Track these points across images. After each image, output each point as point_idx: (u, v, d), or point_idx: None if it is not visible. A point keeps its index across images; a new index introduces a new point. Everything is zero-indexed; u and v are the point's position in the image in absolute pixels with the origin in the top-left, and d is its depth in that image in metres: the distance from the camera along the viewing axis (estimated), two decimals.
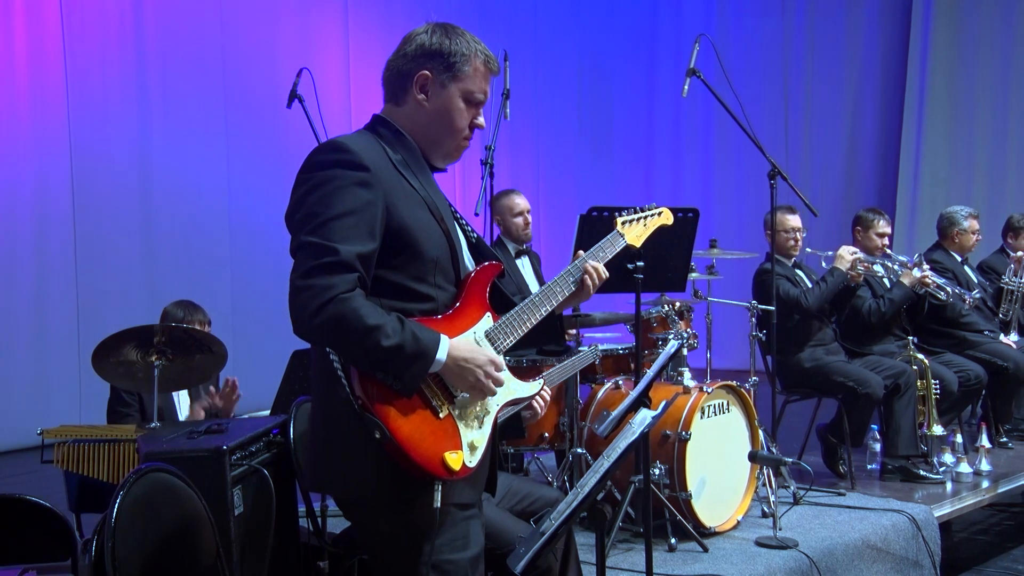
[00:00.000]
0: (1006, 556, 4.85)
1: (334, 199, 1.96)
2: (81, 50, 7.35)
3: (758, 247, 5.46)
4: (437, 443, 1.99)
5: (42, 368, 7.21)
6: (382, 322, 1.92)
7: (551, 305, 2.25)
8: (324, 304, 1.89)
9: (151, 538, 2.29)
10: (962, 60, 9.53)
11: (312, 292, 1.90)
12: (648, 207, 2.60)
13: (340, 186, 1.97)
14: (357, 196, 1.97)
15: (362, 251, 1.96)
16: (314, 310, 1.89)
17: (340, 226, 1.94)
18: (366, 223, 1.97)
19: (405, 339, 1.93)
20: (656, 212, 2.60)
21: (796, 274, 5.11)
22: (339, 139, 2.07)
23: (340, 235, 1.94)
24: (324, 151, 2.05)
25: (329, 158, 2.02)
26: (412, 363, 1.95)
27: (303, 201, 2.00)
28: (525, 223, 5.01)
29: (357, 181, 1.98)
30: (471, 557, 2.08)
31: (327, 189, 1.98)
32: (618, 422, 2.86)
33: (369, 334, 1.90)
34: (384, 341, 1.90)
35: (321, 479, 2.13)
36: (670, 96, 10.89)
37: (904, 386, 4.95)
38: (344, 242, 1.93)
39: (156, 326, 3.55)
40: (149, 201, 7.75)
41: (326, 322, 1.89)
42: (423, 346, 1.96)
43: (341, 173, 1.99)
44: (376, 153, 2.06)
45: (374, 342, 1.90)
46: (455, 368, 2.01)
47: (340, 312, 1.89)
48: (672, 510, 3.93)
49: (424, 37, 2.16)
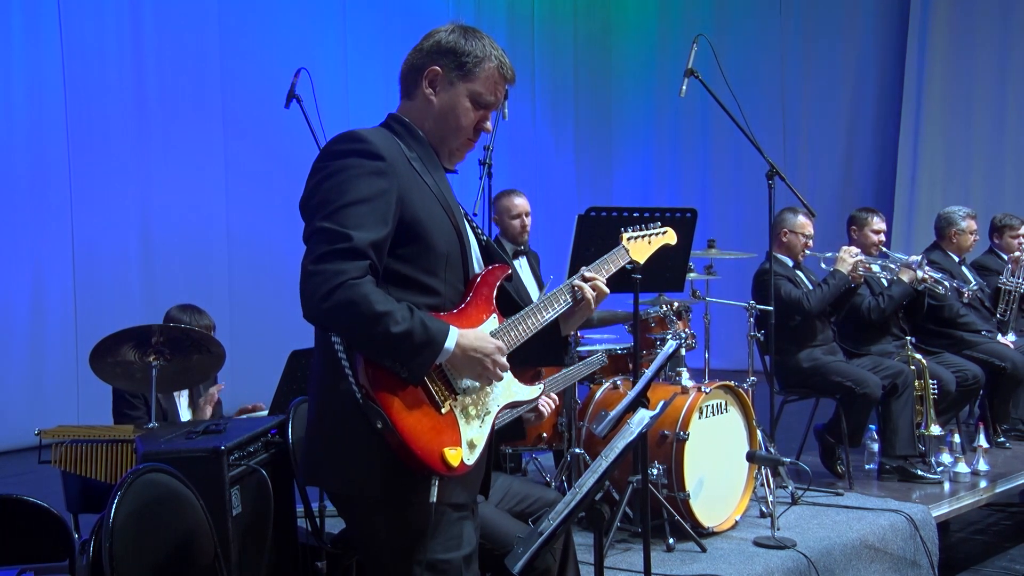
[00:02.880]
0: (1004, 556, 4.86)
1: (349, 186, 1.98)
2: (79, 51, 7.35)
3: (756, 247, 5.46)
4: (437, 438, 1.99)
5: (40, 369, 7.21)
6: (391, 308, 1.92)
7: (555, 311, 2.25)
8: (334, 288, 1.90)
9: (149, 539, 2.28)
10: (959, 60, 9.54)
11: (323, 276, 1.91)
12: (653, 225, 2.63)
13: (356, 174, 1.99)
14: (372, 184, 1.99)
15: (375, 239, 1.96)
16: (324, 294, 1.90)
17: (354, 213, 1.95)
18: (380, 211, 1.98)
19: (414, 326, 1.93)
20: (661, 231, 2.63)
21: (797, 275, 5.12)
22: (356, 131, 2.08)
23: (354, 222, 1.95)
24: (341, 141, 2.06)
25: (346, 147, 2.03)
26: (420, 351, 1.95)
27: (318, 188, 2.01)
28: (522, 226, 5.00)
29: (373, 170, 2.00)
30: (464, 556, 2.08)
31: (343, 177, 1.99)
32: (616, 422, 2.86)
33: (379, 320, 1.90)
34: (393, 327, 1.91)
35: (317, 474, 2.13)
36: (668, 96, 10.90)
37: (901, 386, 4.95)
38: (358, 229, 1.94)
39: (154, 326, 3.55)
40: (147, 201, 7.74)
41: (336, 306, 1.90)
42: (432, 334, 1.96)
43: (358, 162, 2.00)
44: (393, 147, 2.07)
45: (383, 328, 1.90)
46: (463, 357, 2.02)
47: (350, 297, 1.90)
48: (670, 510, 3.93)
49: (443, 35, 2.17)
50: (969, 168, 9.50)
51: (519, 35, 10.54)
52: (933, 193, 9.52)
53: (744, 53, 10.37)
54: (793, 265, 5.14)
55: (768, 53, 10.64)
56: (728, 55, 9.66)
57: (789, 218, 5.12)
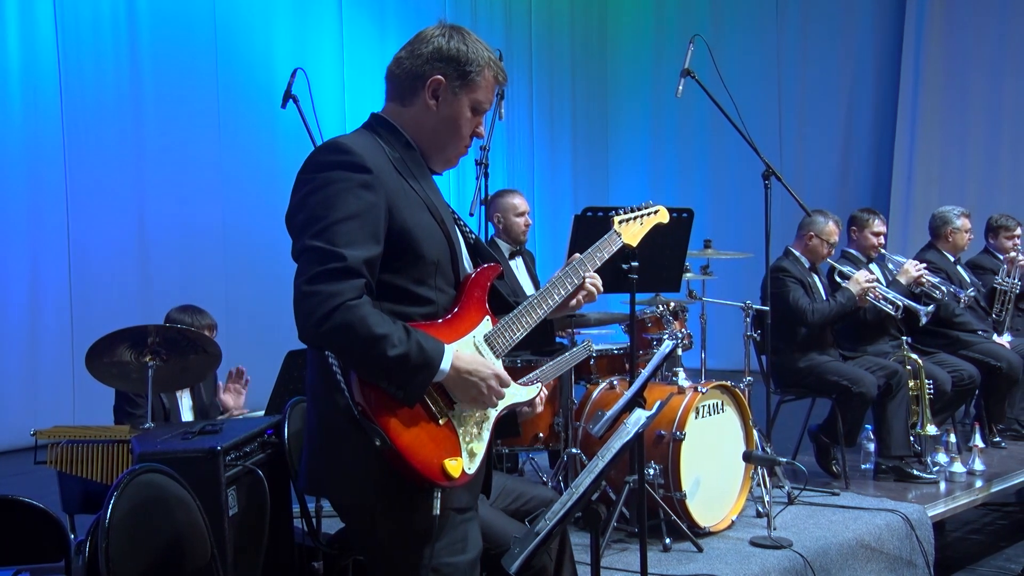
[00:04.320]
0: (999, 555, 4.86)
1: (337, 202, 1.93)
2: (75, 50, 7.33)
3: (752, 247, 5.46)
4: (437, 450, 1.98)
5: (35, 369, 7.19)
6: (389, 332, 1.90)
7: (548, 307, 2.24)
8: (331, 311, 1.87)
9: (145, 539, 2.28)
10: (955, 60, 9.55)
11: (319, 298, 1.87)
12: (644, 205, 2.58)
13: (343, 188, 1.94)
14: (360, 199, 1.94)
15: (368, 256, 1.93)
16: (321, 317, 1.87)
17: (345, 230, 1.91)
18: (370, 227, 1.95)
19: (411, 349, 1.91)
20: (652, 210, 2.58)
21: (812, 278, 5.13)
22: (340, 139, 2.04)
23: (345, 239, 1.91)
24: (326, 151, 2.02)
25: (331, 159, 1.99)
26: (416, 373, 1.93)
27: (305, 203, 1.96)
28: (526, 223, 5.05)
29: (360, 183, 1.95)
30: (470, 560, 2.07)
31: (330, 191, 1.94)
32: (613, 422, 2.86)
33: (376, 343, 1.88)
34: (390, 351, 1.89)
35: (319, 485, 2.12)
36: (665, 97, 10.91)
37: (896, 387, 4.96)
38: (349, 247, 1.91)
39: (150, 327, 3.55)
40: (143, 201, 7.73)
41: (333, 330, 1.88)
42: (427, 357, 1.94)
43: (344, 175, 1.95)
44: (377, 154, 2.03)
45: (380, 351, 1.88)
46: (458, 379, 2.01)
47: (347, 320, 1.87)
48: (667, 510, 3.93)
49: (441, 40, 2.10)
50: (965, 168, 9.51)
51: (516, 35, 10.54)
52: (929, 193, 9.52)
53: (741, 53, 10.38)
54: (809, 267, 5.15)
55: (765, 53, 10.65)
56: (725, 55, 9.65)
57: (819, 222, 5.13)
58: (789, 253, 5.18)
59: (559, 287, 2.27)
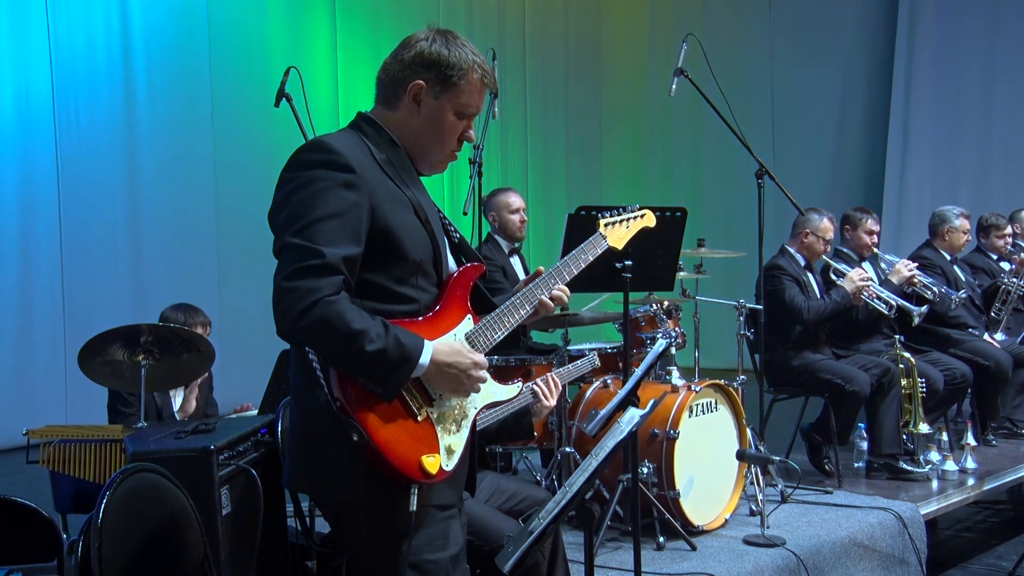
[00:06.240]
0: (991, 553, 4.88)
1: (319, 200, 1.94)
2: (68, 46, 7.31)
3: (746, 246, 5.47)
4: (414, 447, 1.99)
5: (28, 368, 7.17)
6: (366, 327, 1.90)
7: (530, 308, 2.24)
8: (309, 307, 1.87)
9: (138, 539, 2.28)
10: (947, 59, 9.58)
11: (297, 295, 1.88)
12: (630, 208, 2.58)
13: (325, 187, 1.95)
14: (342, 198, 1.95)
15: (347, 254, 1.94)
16: (299, 313, 1.88)
17: (325, 228, 1.92)
18: (351, 226, 1.95)
19: (389, 344, 1.92)
20: (639, 214, 2.58)
21: (806, 276, 5.13)
22: (324, 138, 2.05)
23: (325, 237, 1.92)
24: (308, 150, 2.03)
25: (314, 158, 1.99)
26: (395, 368, 1.94)
27: (287, 201, 1.97)
28: (522, 220, 5.08)
29: (342, 183, 1.96)
30: (451, 556, 2.08)
31: (312, 190, 1.95)
32: (606, 421, 2.86)
33: (354, 338, 1.89)
34: (368, 346, 1.89)
35: (300, 480, 2.12)
36: (658, 95, 10.91)
37: (888, 385, 4.97)
38: (329, 245, 1.91)
39: (143, 326, 3.54)
40: (136, 200, 7.70)
41: (311, 325, 1.88)
42: (406, 351, 1.95)
43: (326, 174, 1.96)
44: (361, 153, 2.04)
45: (358, 347, 1.89)
46: (438, 372, 2.01)
47: (325, 315, 1.88)
48: (660, 509, 3.93)
49: (424, 45, 2.11)
50: (957, 167, 9.54)
51: (510, 34, 10.53)
52: (922, 192, 9.56)
53: (733, 52, 10.38)
54: (804, 265, 5.16)
55: (757, 52, 10.66)
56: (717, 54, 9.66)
57: (814, 219, 5.14)
58: (784, 251, 5.19)
59: (542, 288, 2.27)
